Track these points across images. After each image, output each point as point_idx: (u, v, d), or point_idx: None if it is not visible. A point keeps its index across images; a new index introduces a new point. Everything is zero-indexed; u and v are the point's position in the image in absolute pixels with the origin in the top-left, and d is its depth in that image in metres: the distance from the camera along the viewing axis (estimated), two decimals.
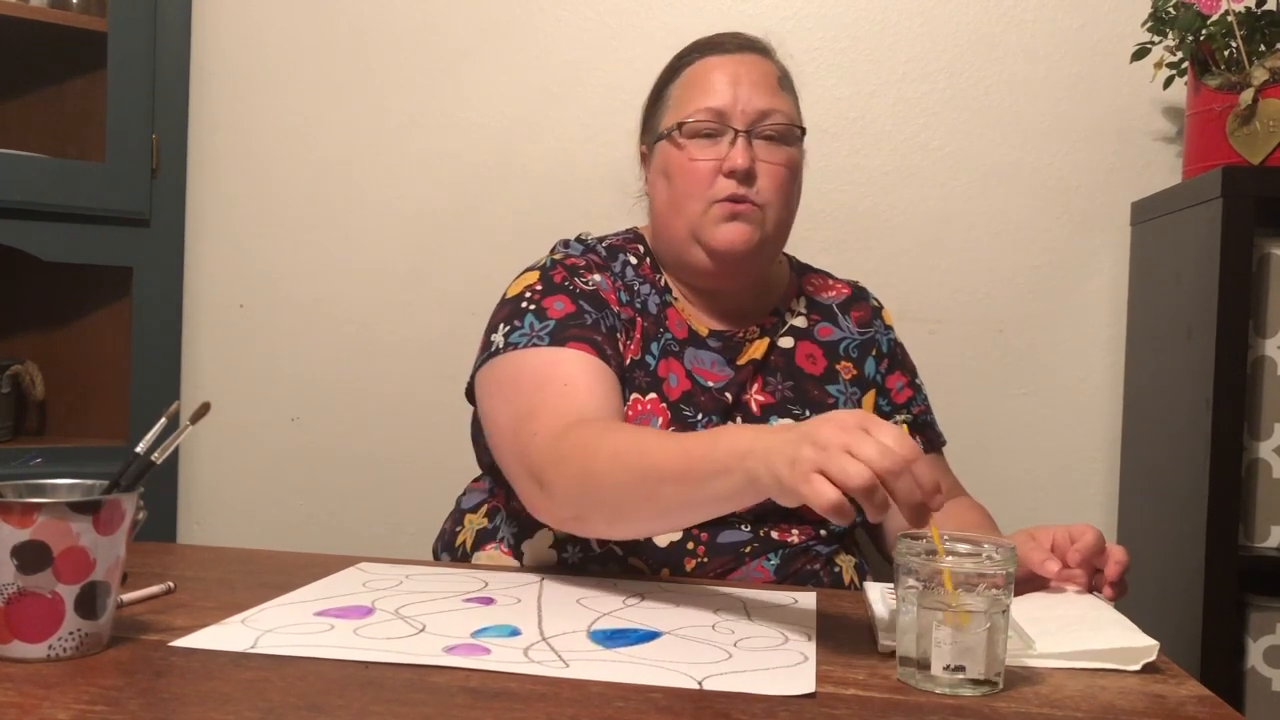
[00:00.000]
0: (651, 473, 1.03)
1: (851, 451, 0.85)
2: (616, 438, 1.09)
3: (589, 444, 1.09)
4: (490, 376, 1.25)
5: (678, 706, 0.78)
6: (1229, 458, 1.44)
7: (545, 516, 1.16)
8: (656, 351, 1.30)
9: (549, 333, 1.23)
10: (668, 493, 1.02)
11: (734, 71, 1.30)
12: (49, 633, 0.82)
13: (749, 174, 1.27)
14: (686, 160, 1.29)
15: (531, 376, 1.20)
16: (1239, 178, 1.45)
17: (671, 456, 1.02)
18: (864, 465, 0.84)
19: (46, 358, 2.00)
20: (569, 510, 1.12)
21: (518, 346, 1.23)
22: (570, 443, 1.11)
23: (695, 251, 1.31)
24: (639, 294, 1.33)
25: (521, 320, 1.25)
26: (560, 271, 1.31)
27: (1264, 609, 1.46)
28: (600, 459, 1.07)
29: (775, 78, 1.33)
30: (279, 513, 2.04)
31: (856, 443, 0.85)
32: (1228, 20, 1.57)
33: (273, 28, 2.03)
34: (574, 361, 1.21)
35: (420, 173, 1.99)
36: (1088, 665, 0.91)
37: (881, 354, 1.42)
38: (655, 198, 1.35)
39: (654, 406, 1.27)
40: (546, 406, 1.16)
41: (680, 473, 1.00)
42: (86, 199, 1.85)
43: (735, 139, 1.27)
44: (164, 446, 0.91)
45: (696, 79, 1.32)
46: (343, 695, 0.77)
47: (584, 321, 1.25)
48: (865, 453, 0.84)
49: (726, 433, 1.01)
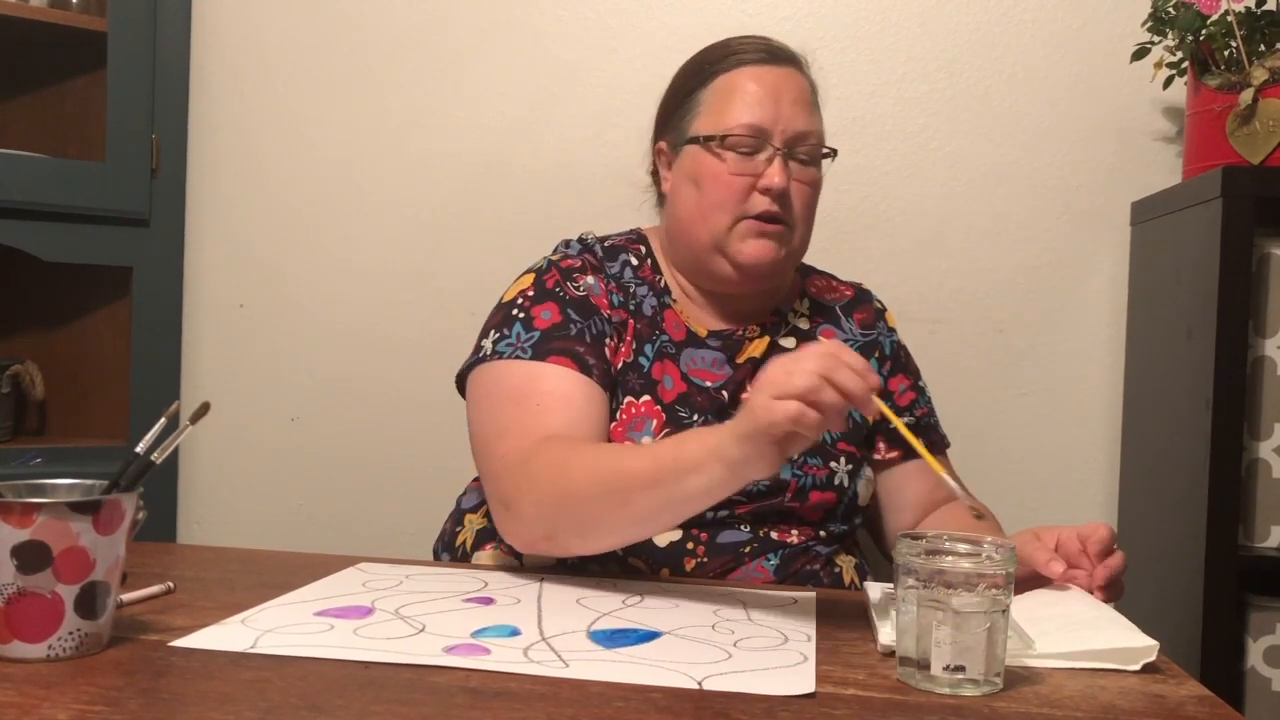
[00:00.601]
0: (623, 483, 1.08)
1: (789, 375, 0.96)
2: (585, 455, 1.14)
3: (556, 463, 1.13)
4: (475, 383, 1.29)
5: (678, 706, 0.78)
6: (1229, 458, 1.44)
7: (513, 539, 1.19)
8: (651, 354, 1.30)
9: (532, 345, 1.25)
10: (641, 499, 1.07)
11: (775, 86, 1.30)
12: (49, 633, 0.82)
13: (783, 194, 1.28)
14: (724, 172, 1.28)
15: (509, 392, 1.24)
16: (1239, 178, 1.45)
17: (642, 464, 1.08)
18: (802, 374, 0.96)
19: (46, 358, 2.00)
20: (539, 530, 1.15)
21: (502, 356, 1.26)
22: (538, 464, 1.15)
23: (718, 262, 1.31)
24: (635, 295, 1.33)
25: (510, 329, 1.28)
26: (554, 275, 1.32)
27: (1264, 609, 1.46)
28: (570, 476, 1.12)
29: (810, 95, 1.33)
30: (279, 513, 2.04)
31: (790, 371, 0.97)
32: (1228, 20, 1.57)
33: (273, 28, 2.03)
34: (552, 377, 1.23)
35: (420, 173, 1.99)
36: (1088, 665, 0.91)
37: (884, 356, 1.42)
38: (679, 202, 1.34)
39: (648, 409, 1.27)
40: (517, 426, 1.20)
41: (653, 478, 1.06)
42: (86, 199, 1.85)
43: (773, 157, 1.28)
44: (164, 446, 0.91)
45: (735, 89, 1.30)
46: (343, 695, 0.77)
47: (568, 332, 1.26)
48: (801, 367, 0.96)
49: (693, 433, 1.08)
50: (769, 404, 0.96)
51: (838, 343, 1.01)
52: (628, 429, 1.26)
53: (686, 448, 1.05)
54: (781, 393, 0.96)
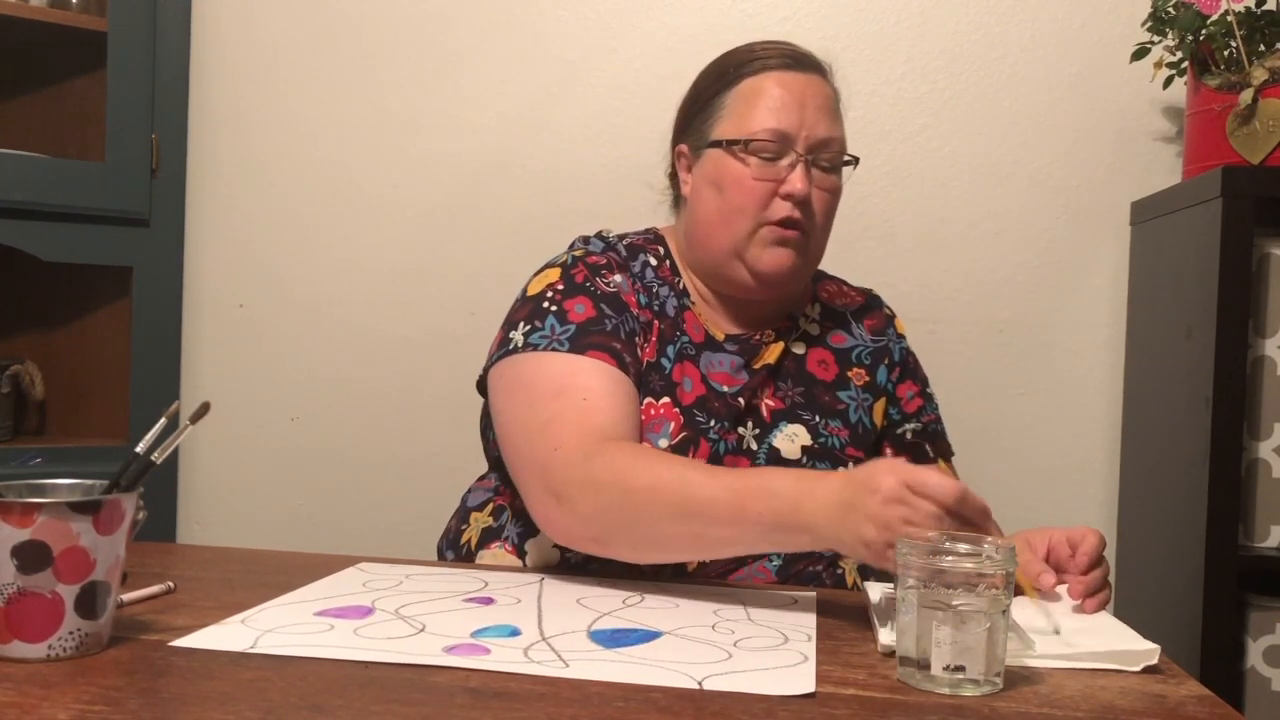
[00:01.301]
0: (695, 510, 1.06)
1: (910, 521, 0.94)
2: (655, 469, 1.10)
3: (625, 471, 1.10)
4: (507, 374, 1.25)
5: (678, 706, 0.78)
6: (1229, 458, 1.44)
7: (559, 532, 1.17)
8: (672, 355, 1.29)
9: (569, 338, 1.22)
10: (717, 534, 1.06)
11: (801, 92, 1.29)
12: (49, 633, 0.82)
13: (805, 200, 1.27)
14: (747, 177, 1.27)
15: (549, 383, 1.20)
16: (1239, 178, 1.45)
17: (723, 501, 1.05)
18: (925, 522, 0.93)
19: (46, 358, 2.01)
20: (592, 531, 1.13)
21: (537, 348, 1.22)
22: (602, 465, 1.11)
23: (736, 267, 1.30)
24: (657, 296, 1.33)
25: (542, 321, 1.24)
26: (582, 270, 1.30)
27: (1264, 609, 1.46)
28: (639, 489, 1.09)
29: (834, 102, 1.33)
30: (279, 513, 2.04)
31: (910, 513, 0.94)
32: (1227, 20, 1.57)
33: (273, 28, 2.03)
34: (593, 372, 1.20)
35: (420, 172, 1.99)
36: (1088, 665, 0.91)
37: (894, 362, 1.42)
38: (699, 205, 1.33)
39: (667, 411, 1.26)
40: (565, 420, 1.16)
41: (733, 518, 1.05)
42: (86, 199, 1.85)
43: (796, 163, 1.27)
44: (164, 446, 0.91)
45: (761, 94, 1.29)
46: (343, 695, 0.77)
47: (604, 327, 1.24)
48: (920, 518, 0.94)
49: (781, 482, 1.05)
50: (880, 550, 0.95)
51: (951, 480, 0.97)
52: (646, 430, 1.25)
53: (776, 503, 1.03)
54: (893, 542, 0.90)
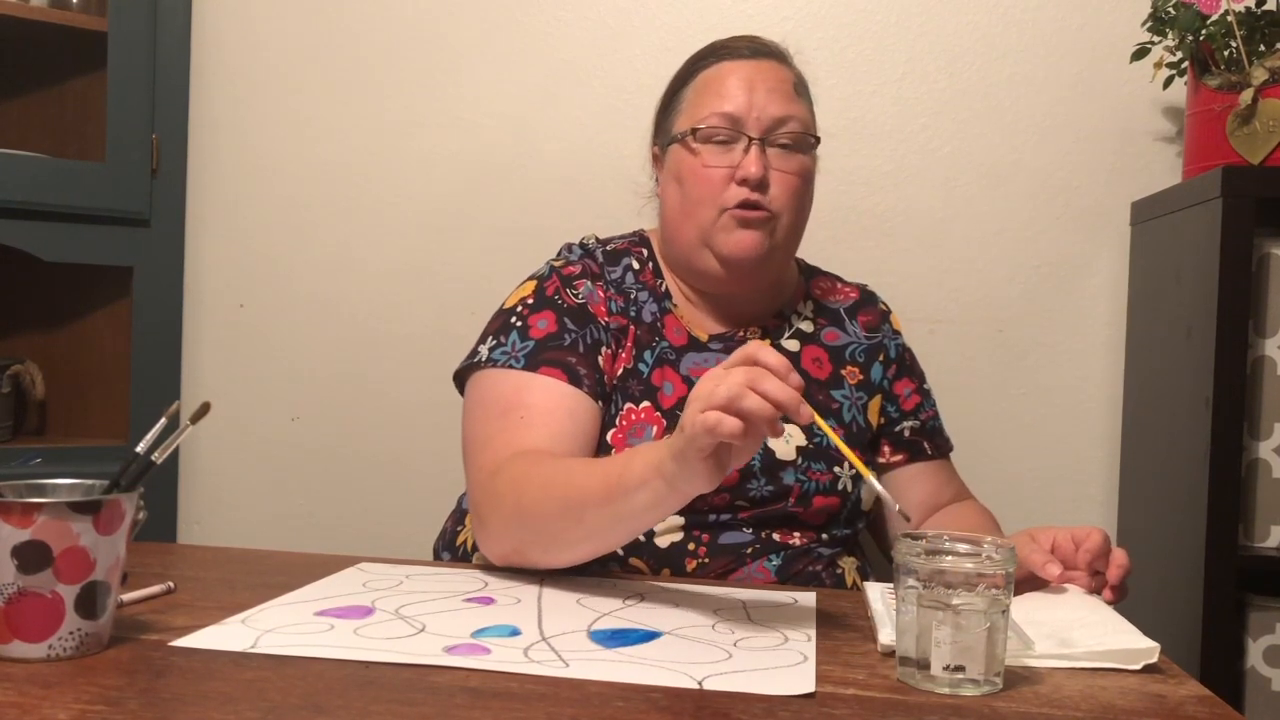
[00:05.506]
0: (576, 499, 1.08)
1: (714, 386, 0.93)
2: (543, 471, 1.14)
3: (519, 479, 1.14)
4: (469, 391, 1.30)
5: (678, 706, 0.78)
6: (1229, 458, 1.44)
7: (487, 553, 1.20)
8: (650, 360, 1.30)
9: (526, 354, 1.26)
10: (593, 516, 1.07)
11: (749, 77, 1.29)
12: (49, 633, 0.82)
13: (762, 182, 1.27)
14: (699, 166, 1.28)
15: (497, 403, 1.25)
16: (1239, 178, 1.45)
17: (593, 481, 1.07)
18: (725, 384, 0.92)
19: (46, 358, 2.01)
20: (507, 545, 1.16)
21: (496, 364, 1.27)
22: (503, 479, 1.15)
23: (705, 257, 1.30)
24: (636, 301, 1.33)
25: (507, 336, 1.28)
26: (554, 283, 1.32)
27: (1264, 609, 1.46)
28: (529, 492, 1.12)
29: (791, 84, 1.32)
30: (279, 513, 2.04)
31: (716, 380, 0.93)
32: (1227, 20, 1.57)
33: (273, 28, 2.03)
34: (540, 389, 1.24)
35: (420, 173, 1.99)
36: (1088, 665, 0.91)
37: (889, 359, 1.41)
38: (666, 202, 1.35)
39: (648, 415, 1.27)
40: (499, 439, 1.21)
41: (602, 495, 1.05)
42: (86, 199, 1.85)
43: (749, 146, 1.27)
44: (164, 446, 0.91)
45: (711, 83, 1.31)
46: (343, 695, 0.77)
47: (562, 342, 1.27)
48: (727, 378, 0.93)
49: (640, 449, 1.06)
50: (693, 418, 0.93)
51: (758, 343, 0.98)
52: (628, 435, 1.26)
53: (632, 464, 1.04)
54: (705, 405, 0.92)
